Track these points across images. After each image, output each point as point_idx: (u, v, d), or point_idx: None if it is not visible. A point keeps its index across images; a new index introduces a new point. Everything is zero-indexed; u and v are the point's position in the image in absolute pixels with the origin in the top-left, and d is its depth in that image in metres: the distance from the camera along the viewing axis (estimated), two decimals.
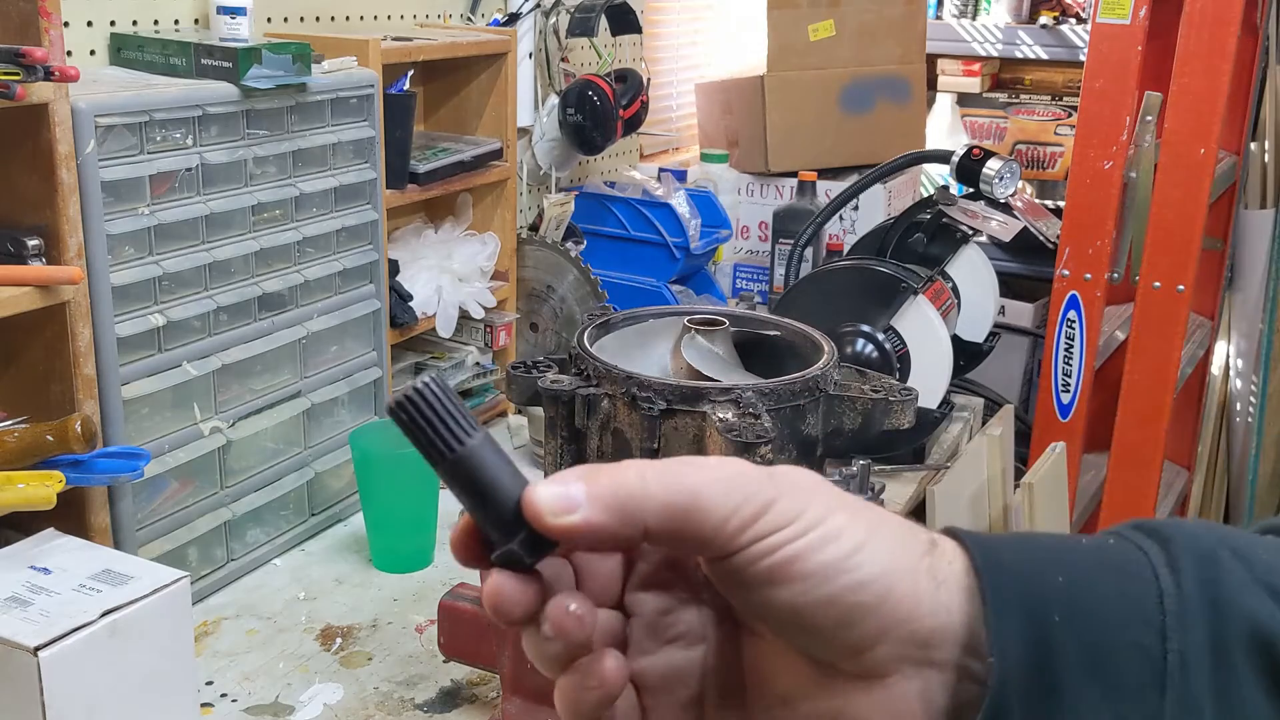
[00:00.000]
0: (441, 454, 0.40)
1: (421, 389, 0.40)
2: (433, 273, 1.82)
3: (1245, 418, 2.84)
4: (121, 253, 1.23)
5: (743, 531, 0.39)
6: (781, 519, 0.40)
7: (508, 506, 0.41)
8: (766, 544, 0.39)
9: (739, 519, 0.39)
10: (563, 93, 2.08)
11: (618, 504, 0.39)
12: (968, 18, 3.07)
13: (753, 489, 0.40)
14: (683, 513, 0.39)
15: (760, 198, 2.50)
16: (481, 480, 0.41)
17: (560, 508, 0.40)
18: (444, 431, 0.40)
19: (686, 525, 0.39)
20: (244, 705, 1.20)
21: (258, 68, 1.32)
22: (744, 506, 0.40)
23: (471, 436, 0.40)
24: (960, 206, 1.85)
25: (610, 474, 0.40)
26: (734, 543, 0.40)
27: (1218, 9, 1.98)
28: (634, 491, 0.40)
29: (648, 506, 0.39)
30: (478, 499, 0.41)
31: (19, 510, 1.09)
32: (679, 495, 0.40)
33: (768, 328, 1.20)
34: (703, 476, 0.40)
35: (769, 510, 0.40)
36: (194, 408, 1.34)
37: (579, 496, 0.40)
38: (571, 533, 0.40)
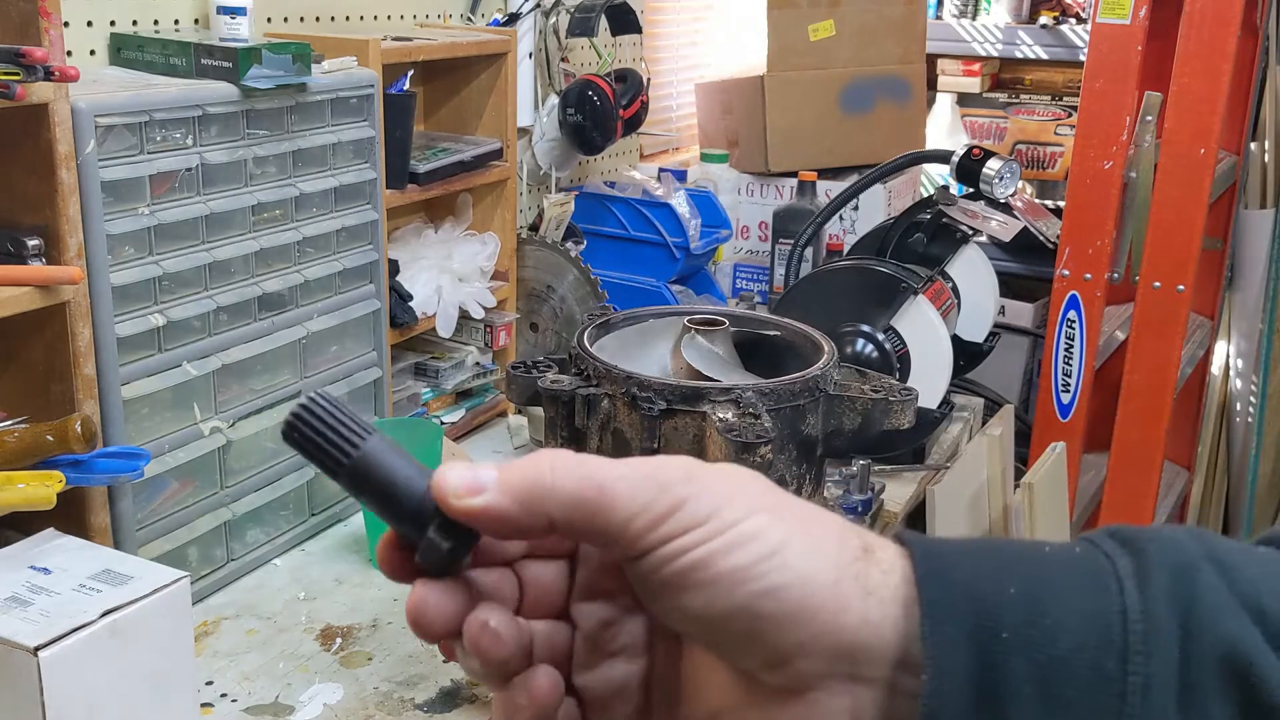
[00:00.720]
0: (339, 462, 0.40)
1: (308, 404, 0.40)
2: (433, 273, 1.82)
3: (1245, 418, 2.84)
4: (121, 253, 1.23)
5: (649, 531, 0.37)
6: (691, 519, 0.37)
7: (414, 498, 0.40)
8: (673, 546, 0.37)
9: (647, 517, 0.37)
10: (563, 93, 2.08)
11: (524, 491, 0.38)
12: (968, 18, 3.07)
13: (664, 487, 0.38)
14: (588, 506, 0.38)
15: (760, 198, 2.50)
16: (383, 478, 0.40)
17: (465, 489, 0.39)
18: (337, 440, 0.40)
19: (593, 520, 0.38)
20: (244, 705, 1.20)
21: (258, 68, 1.32)
22: (653, 505, 0.38)
23: (365, 439, 0.40)
24: (960, 206, 1.85)
25: (524, 463, 0.39)
26: (640, 543, 0.38)
27: (1218, 9, 1.98)
28: (541, 480, 0.38)
29: (554, 497, 0.38)
30: (384, 498, 0.40)
31: (19, 510, 1.09)
32: (585, 488, 0.38)
33: (768, 328, 1.20)
34: (613, 472, 0.38)
35: (679, 509, 0.37)
36: (194, 408, 1.34)
37: (487, 481, 0.39)
38: (475, 516, 0.39)
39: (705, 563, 0.37)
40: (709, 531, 0.37)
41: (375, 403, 1.62)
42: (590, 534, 0.39)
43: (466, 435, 1.90)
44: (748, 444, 0.93)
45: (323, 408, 0.40)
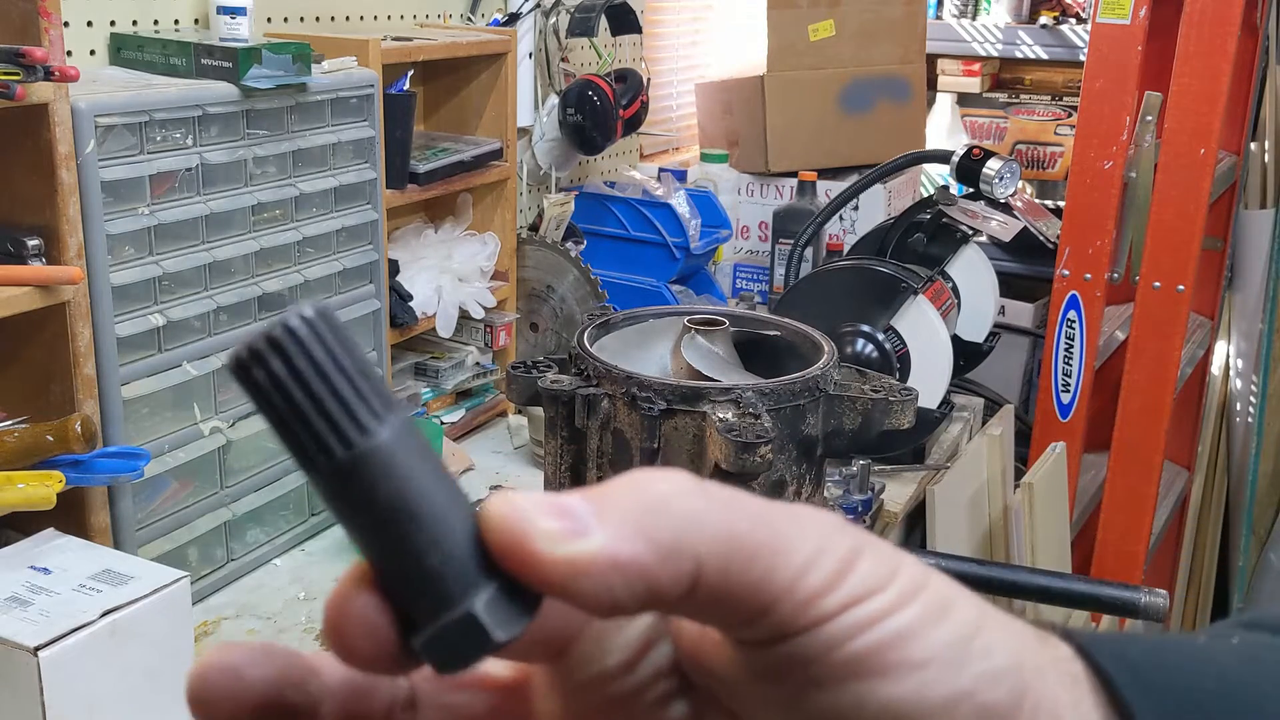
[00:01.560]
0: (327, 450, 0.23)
1: (297, 328, 0.23)
2: (433, 273, 1.82)
3: (1245, 418, 2.84)
4: (121, 253, 1.23)
5: (826, 593, 0.25)
6: (875, 579, 0.26)
7: (451, 541, 0.24)
8: (861, 613, 0.25)
9: (822, 570, 0.25)
10: (563, 93, 2.08)
11: (655, 521, 0.24)
12: (968, 18, 3.07)
13: (831, 532, 0.26)
14: (749, 551, 0.25)
15: (760, 198, 2.50)
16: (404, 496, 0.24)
17: (560, 530, 0.24)
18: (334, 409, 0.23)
19: (755, 564, 0.25)
20: None
21: (258, 68, 1.32)
22: (825, 553, 0.26)
23: (384, 420, 0.24)
24: (960, 206, 1.85)
25: (628, 484, 0.25)
26: (813, 608, 0.25)
27: (1218, 9, 1.98)
28: (679, 504, 0.25)
29: (703, 530, 0.25)
30: (396, 531, 0.24)
31: (19, 510, 1.09)
32: (741, 520, 0.25)
33: (768, 328, 1.20)
34: (759, 503, 0.26)
35: (857, 563, 0.26)
36: (194, 408, 1.34)
37: (585, 514, 0.24)
38: (581, 572, 0.24)
39: (914, 633, 0.26)
40: (904, 592, 0.26)
41: None
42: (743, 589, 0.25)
43: (466, 435, 1.90)
44: (748, 444, 0.93)
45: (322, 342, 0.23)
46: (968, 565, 1.32)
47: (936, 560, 1.30)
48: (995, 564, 1.61)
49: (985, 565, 1.41)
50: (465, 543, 0.24)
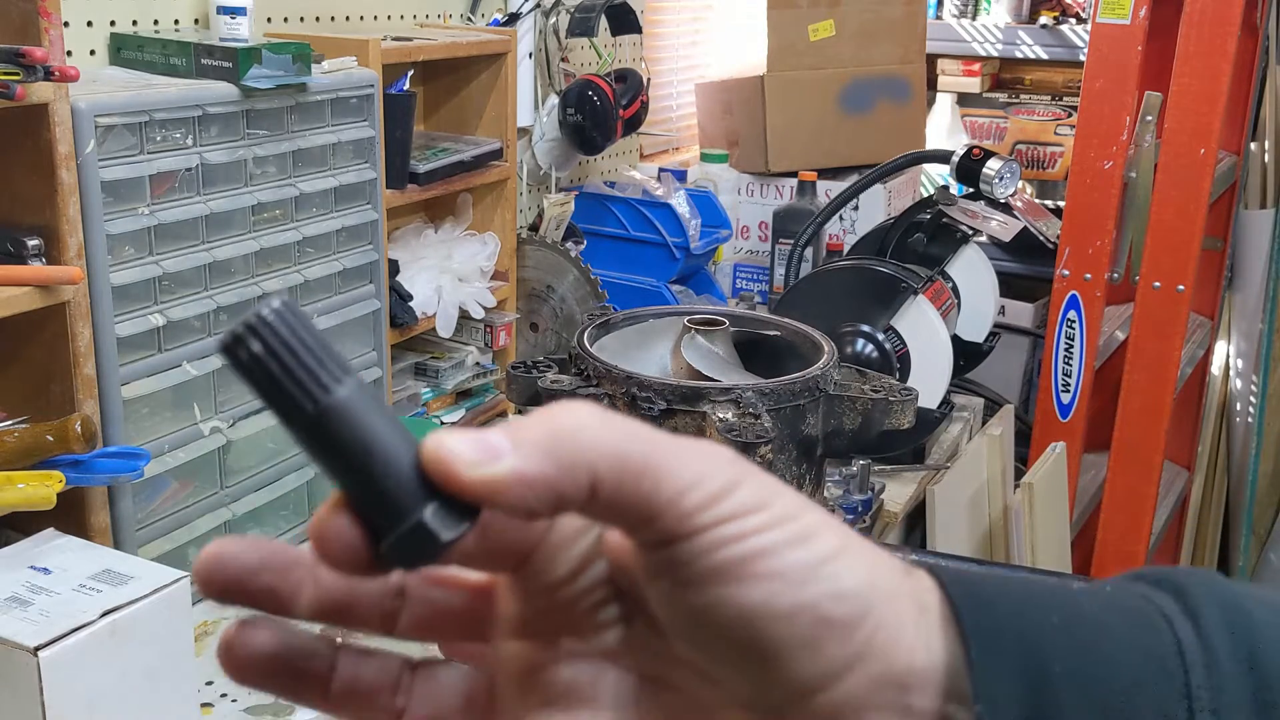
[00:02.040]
0: (300, 407, 0.30)
1: (260, 322, 0.30)
2: (433, 273, 1.82)
3: (1245, 418, 2.84)
4: (121, 253, 1.23)
5: (704, 509, 0.31)
6: (750, 504, 0.32)
7: (401, 468, 0.31)
8: (730, 529, 0.31)
9: (701, 493, 0.31)
10: (563, 93, 2.08)
11: (558, 446, 0.31)
12: (968, 18, 3.07)
13: (716, 461, 0.32)
14: (637, 469, 0.31)
15: (760, 198, 2.50)
16: (359, 437, 0.31)
17: (480, 455, 0.30)
18: (303, 374, 0.30)
19: (640, 486, 0.31)
20: (244, 705, 1.20)
21: (258, 68, 1.32)
22: (707, 479, 0.31)
23: (342, 382, 0.30)
24: (960, 206, 1.85)
25: (543, 417, 0.31)
26: (691, 520, 0.31)
27: (1218, 9, 1.98)
28: (580, 432, 0.31)
29: (598, 450, 0.31)
30: (358, 464, 0.31)
31: (19, 510, 1.09)
32: (634, 445, 0.31)
33: (768, 328, 1.20)
34: (654, 432, 0.32)
35: (735, 490, 0.32)
36: (194, 408, 1.34)
37: (500, 444, 0.31)
38: (497, 489, 0.30)
39: (771, 551, 0.31)
40: (771, 519, 0.32)
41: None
42: (632, 506, 0.31)
43: None
44: (748, 444, 0.93)
45: (290, 326, 0.30)
46: (968, 565, 1.32)
47: (936, 560, 1.30)
48: (995, 564, 1.61)
49: (985, 565, 1.41)
50: (412, 471, 0.31)
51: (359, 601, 0.36)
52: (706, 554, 0.31)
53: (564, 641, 0.36)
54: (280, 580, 0.34)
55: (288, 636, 0.35)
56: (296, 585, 0.34)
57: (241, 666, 0.34)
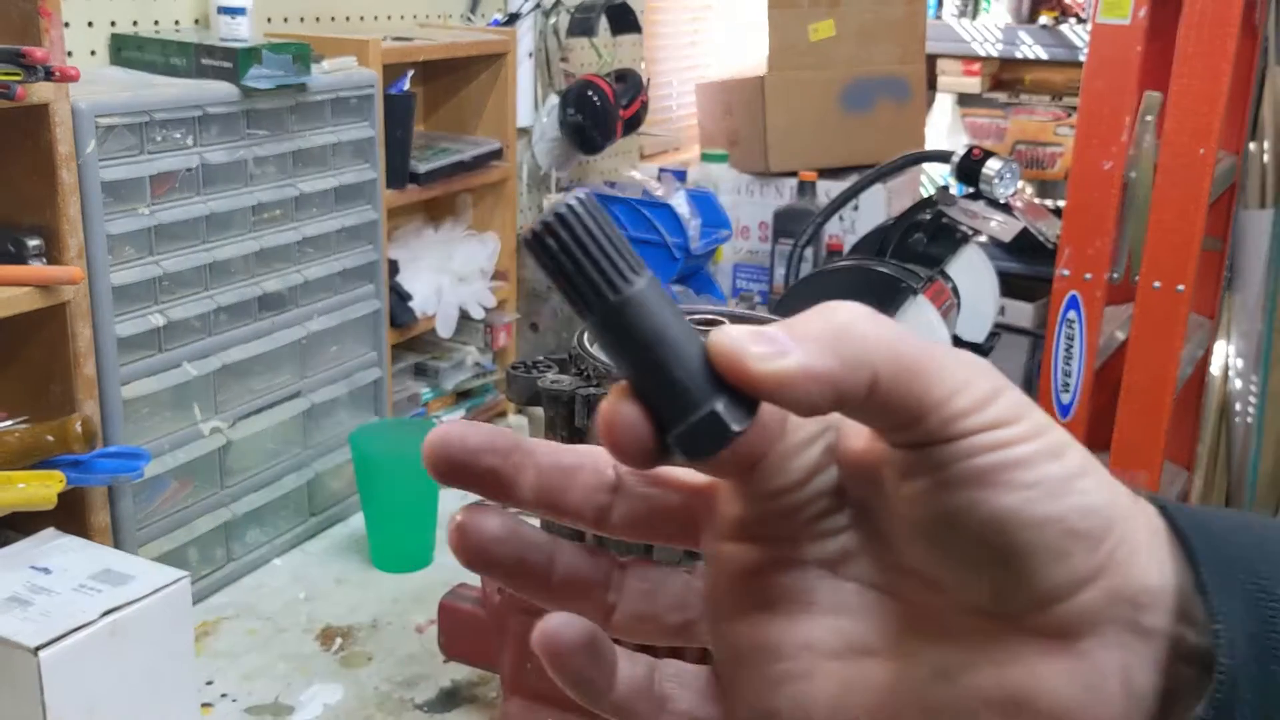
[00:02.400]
0: (602, 296, 0.31)
1: (569, 213, 0.31)
2: (433, 273, 1.82)
3: (1245, 418, 2.84)
4: (121, 253, 1.23)
5: (968, 414, 0.32)
6: (1009, 414, 0.32)
7: (691, 362, 0.32)
8: (991, 437, 0.32)
9: (967, 398, 0.32)
10: (563, 93, 2.08)
11: (840, 343, 0.31)
12: (968, 18, 3.07)
13: (980, 371, 0.32)
14: (912, 369, 0.31)
15: (760, 198, 2.50)
16: (652, 329, 0.32)
17: (768, 349, 0.31)
18: (606, 266, 0.31)
19: (912, 386, 0.31)
20: (244, 705, 1.20)
21: (258, 68, 1.32)
22: (973, 386, 0.32)
23: (639, 274, 0.32)
24: (960, 206, 1.85)
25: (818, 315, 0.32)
26: (956, 424, 0.31)
27: (1218, 9, 1.98)
28: (858, 328, 0.31)
29: (878, 349, 0.31)
30: (649, 356, 0.32)
31: (19, 510, 1.09)
32: (908, 347, 0.31)
33: None
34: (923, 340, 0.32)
35: (997, 399, 0.32)
36: (194, 408, 1.34)
37: (786, 340, 0.31)
38: (785, 383, 0.31)
39: (1028, 462, 0.32)
40: (1028, 430, 0.32)
41: (375, 403, 1.62)
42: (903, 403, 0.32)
43: None
44: None
45: (593, 218, 0.31)
46: None
47: None
48: None
49: None
50: (700, 364, 0.32)
51: (574, 492, 0.36)
52: (967, 458, 0.32)
53: (784, 547, 0.36)
54: (502, 463, 0.35)
55: (514, 523, 0.36)
56: (516, 470, 0.35)
57: (472, 549, 0.36)
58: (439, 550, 1.52)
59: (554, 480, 0.36)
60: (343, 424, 1.56)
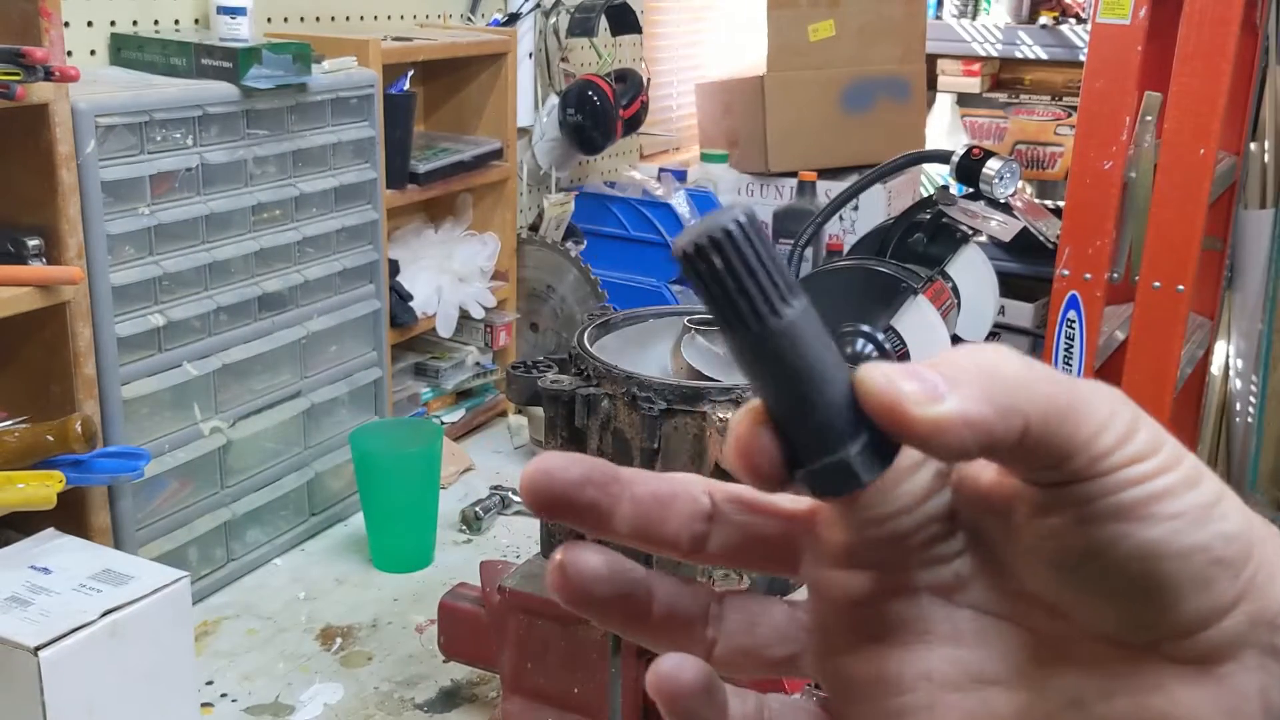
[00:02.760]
0: (747, 325, 0.30)
1: (727, 237, 0.29)
2: (433, 273, 1.82)
3: (1245, 418, 2.84)
4: (121, 253, 1.23)
5: (1113, 451, 0.31)
6: (1150, 446, 0.32)
7: (836, 398, 0.31)
8: (1136, 471, 0.31)
9: (1113, 434, 0.31)
10: (563, 93, 2.08)
11: (993, 389, 0.30)
12: (968, 18, 3.07)
13: (1119, 404, 0.32)
14: (1062, 411, 0.31)
15: (760, 198, 2.50)
16: (806, 360, 0.30)
17: (925, 393, 0.30)
18: (757, 293, 0.30)
19: (1063, 428, 0.31)
20: (244, 705, 1.20)
21: (258, 68, 1.32)
22: (1115, 420, 0.32)
23: (791, 303, 0.30)
24: (960, 206, 1.85)
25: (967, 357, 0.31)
26: (1102, 462, 0.31)
27: (1218, 9, 1.98)
28: (1007, 372, 0.31)
29: (1028, 393, 0.30)
30: (797, 387, 0.30)
31: (19, 510, 1.09)
32: (1056, 388, 0.31)
33: None
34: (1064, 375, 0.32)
35: (1138, 431, 0.32)
36: (194, 408, 1.34)
37: (939, 382, 0.30)
38: (941, 430, 0.30)
39: (1172, 492, 0.32)
40: (1167, 461, 0.32)
41: (375, 403, 1.62)
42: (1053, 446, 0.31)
43: (466, 435, 1.89)
44: None
45: (750, 241, 0.30)
46: None
47: None
48: None
49: None
50: (844, 401, 0.31)
51: (671, 522, 0.35)
52: (1114, 492, 0.31)
53: (894, 574, 0.35)
54: (602, 495, 0.33)
55: (615, 559, 0.34)
56: (615, 501, 0.34)
57: (574, 589, 0.34)
58: (439, 550, 1.52)
59: (650, 510, 0.34)
60: (343, 424, 1.56)
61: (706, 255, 0.29)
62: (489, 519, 1.59)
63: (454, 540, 1.56)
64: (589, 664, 1.05)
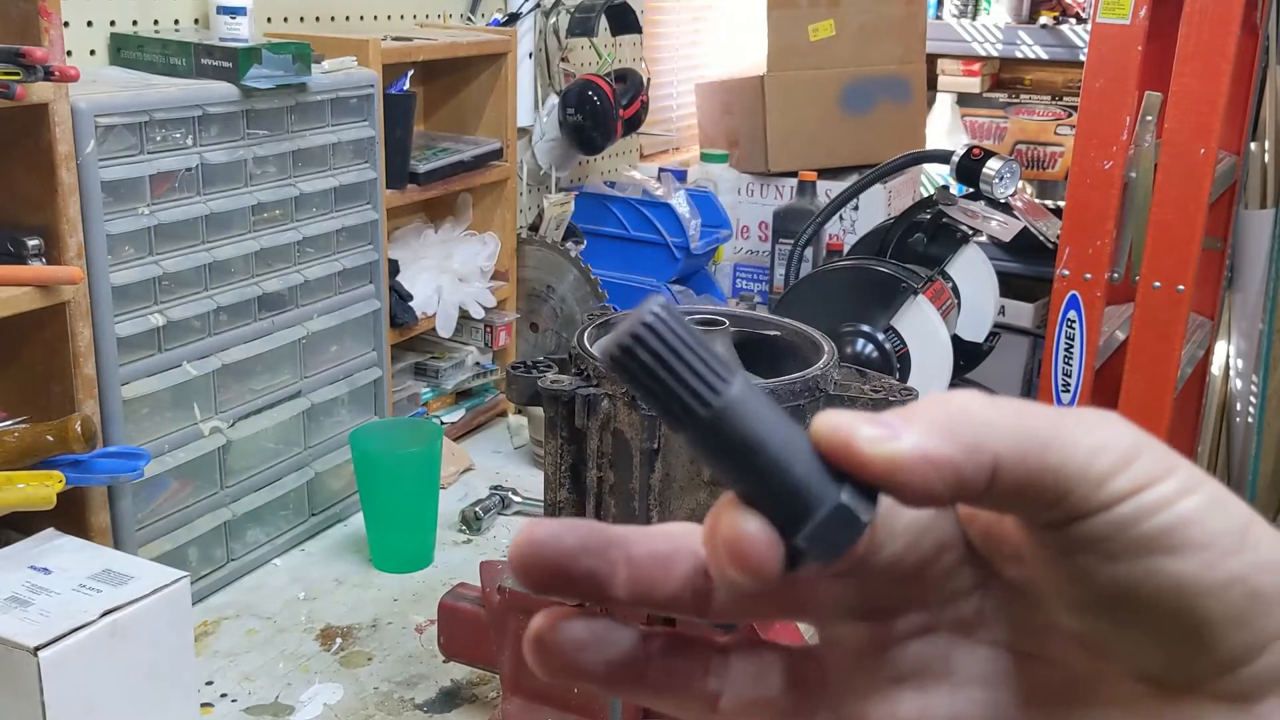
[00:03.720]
0: (693, 411, 0.29)
1: (652, 323, 0.29)
2: (433, 273, 1.82)
3: (1245, 418, 2.84)
4: (121, 253, 1.23)
5: (1114, 477, 0.29)
6: (1158, 468, 0.29)
7: (802, 459, 0.29)
8: (1149, 497, 0.29)
9: (1108, 458, 0.29)
10: (563, 93, 2.08)
11: (956, 426, 0.29)
12: (968, 18, 3.07)
13: (1117, 428, 0.30)
14: (1041, 441, 0.29)
15: (760, 198, 2.50)
16: (760, 432, 0.29)
17: (879, 431, 0.29)
18: (692, 379, 0.29)
19: (1045, 458, 0.29)
20: (244, 705, 1.20)
21: (258, 68, 1.32)
22: (1111, 443, 0.29)
23: (730, 380, 0.29)
24: (960, 206, 1.85)
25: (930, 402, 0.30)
26: (1104, 491, 0.29)
27: (1218, 9, 1.98)
28: (975, 411, 0.29)
29: (997, 428, 0.29)
30: (759, 462, 0.29)
31: (19, 510, 1.09)
32: (1031, 420, 0.29)
33: (768, 328, 1.20)
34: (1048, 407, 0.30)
35: (1141, 454, 0.29)
36: (194, 408, 1.34)
37: (897, 422, 0.29)
38: (900, 466, 0.28)
39: (1197, 518, 0.29)
40: (1186, 483, 0.29)
41: (375, 403, 1.62)
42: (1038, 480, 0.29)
43: (466, 435, 1.90)
44: None
45: (672, 329, 0.29)
46: None
47: None
48: None
49: None
50: (812, 458, 0.30)
51: (672, 583, 0.32)
52: (1131, 525, 0.29)
53: (908, 615, 0.33)
54: (599, 562, 0.31)
55: (599, 625, 0.32)
56: (612, 566, 0.31)
57: (556, 664, 0.32)
58: (439, 550, 1.52)
59: (650, 572, 0.32)
60: (343, 424, 1.56)
61: (634, 353, 0.29)
62: (489, 519, 1.60)
63: (454, 540, 1.56)
64: None
